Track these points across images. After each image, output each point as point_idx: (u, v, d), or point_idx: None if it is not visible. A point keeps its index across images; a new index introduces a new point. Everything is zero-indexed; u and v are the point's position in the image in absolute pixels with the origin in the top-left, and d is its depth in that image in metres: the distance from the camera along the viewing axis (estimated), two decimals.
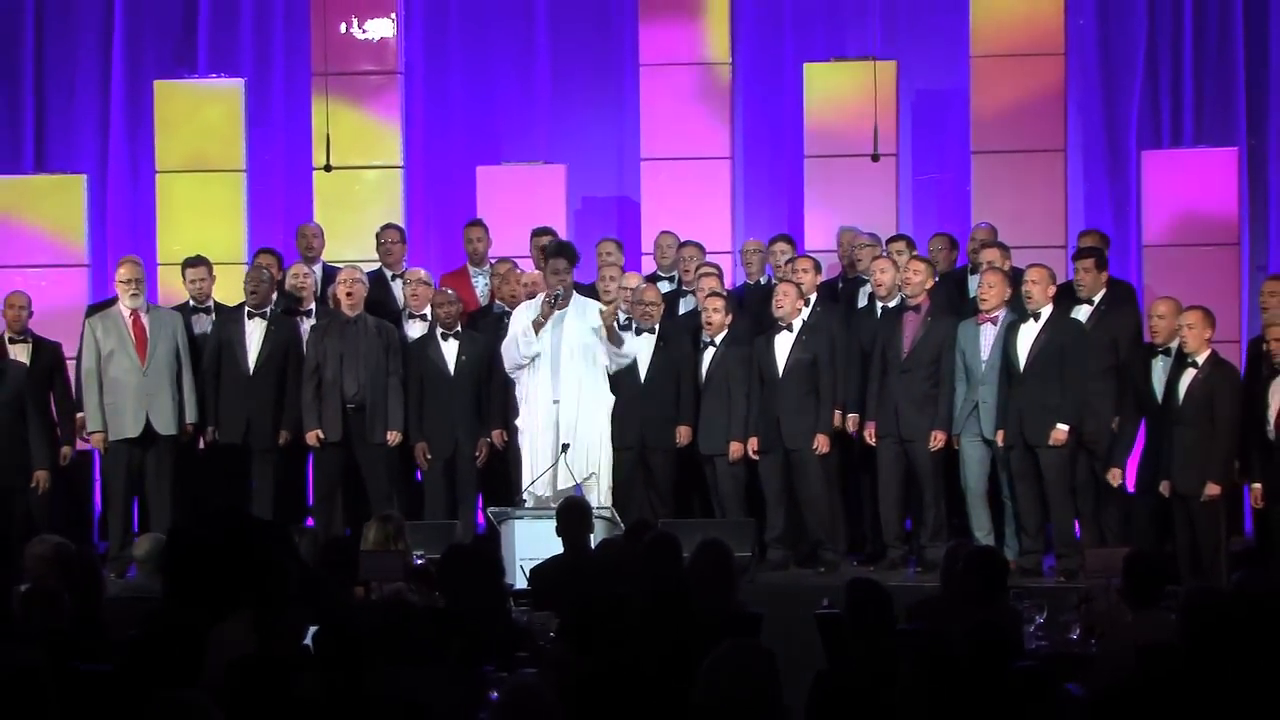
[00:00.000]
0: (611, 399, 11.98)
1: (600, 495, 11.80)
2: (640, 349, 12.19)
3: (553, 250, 12.05)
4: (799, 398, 12.07)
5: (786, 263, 12.83)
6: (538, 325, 11.70)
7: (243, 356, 12.55)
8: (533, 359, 11.77)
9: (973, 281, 12.64)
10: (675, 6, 14.59)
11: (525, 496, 11.70)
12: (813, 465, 12.09)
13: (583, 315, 11.84)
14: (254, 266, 12.89)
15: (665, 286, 13.11)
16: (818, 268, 12.69)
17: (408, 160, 14.98)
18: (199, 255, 13.08)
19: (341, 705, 6.33)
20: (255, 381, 12.53)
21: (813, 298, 12.41)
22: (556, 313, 11.73)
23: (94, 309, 13.00)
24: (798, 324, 12.12)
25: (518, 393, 11.98)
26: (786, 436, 12.08)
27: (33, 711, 5.61)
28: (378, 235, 13.54)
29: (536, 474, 11.70)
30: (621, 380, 12.07)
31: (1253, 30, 14.59)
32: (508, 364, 11.93)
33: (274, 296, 12.83)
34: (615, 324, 11.85)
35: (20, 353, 12.44)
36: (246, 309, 12.62)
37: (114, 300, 12.70)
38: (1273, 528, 11.31)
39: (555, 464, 11.67)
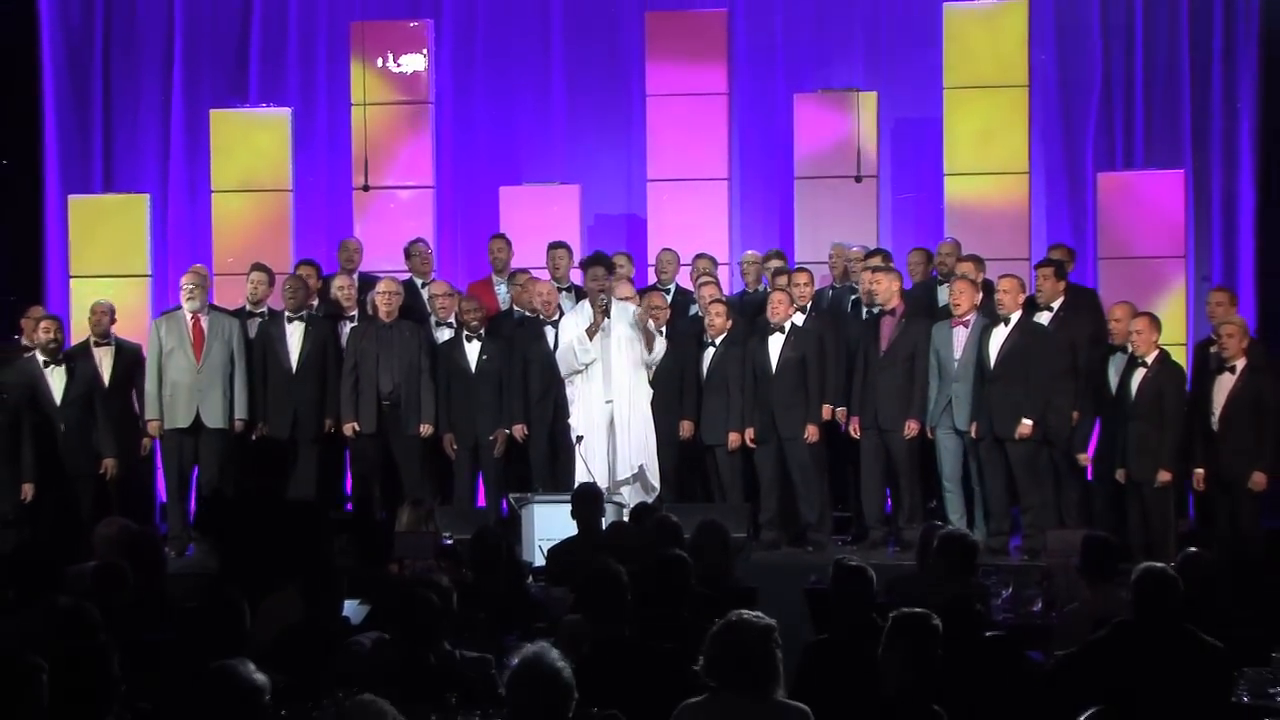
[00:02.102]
0: (650, 394, 12.02)
1: (653, 485, 11.82)
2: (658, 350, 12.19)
3: (591, 260, 12.06)
4: (790, 394, 12.08)
5: (778, 274, 12.82)
6: (591, 333, 11.71)
7: (285, 357, 12.56)
8: (586, 366, 11.78)
9: (941, 290, 12.65)
10: (678, 44, 14.58)
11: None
12: (803, 454, 12.10)
13: (625, 317, 11.86)
14: (293, 276, 12.90)
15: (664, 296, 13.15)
16: (812, 279, 12.71)
17: (438, 181, 14.98)
18: (261, 263, 13.11)
19: (381, 671, 6.33)
20: (297, 379, 12.55)
21: (807, 305, 12.43)
22: (605, 320, 11.74)
23: (165, 314, 13.03)
24: (789, 327, 12.14)
25: (569, 393, 11.97)
26: (780, 428, 12.09)
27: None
28: (406, 249, 13.55)
29: (591, 467, 11.64)
30: None
31: (1197, 64, 14.59)
32: (564, 370, 11.92)
33: (314, 303, 12.86)
34: (648, 326, 11.85)
35: (104, 355, 12.50)
36: (286, 314, 12.65)
37: (180, 305, 12.73)
38: (1215, 511, 11.34)
39: (571, 456, 11.70)
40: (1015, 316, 11.67)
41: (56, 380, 12.01)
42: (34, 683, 5.65)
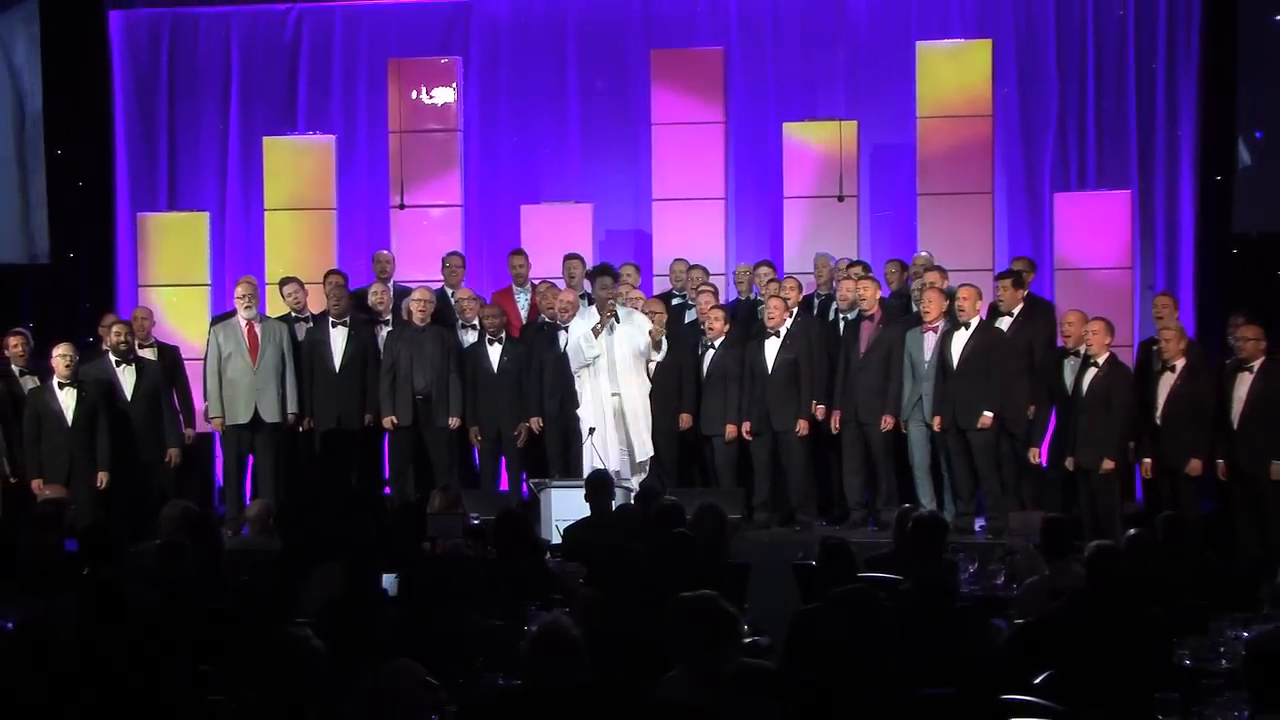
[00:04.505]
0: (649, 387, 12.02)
1: (648, 471, 11.85)
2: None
3: (598, 270, 12.10)
4: (784, 390, 12.07)
5: (770, 282, 12.84)
6: (597, 331, 11.70)
7: (329, 358, 12.57)
8: (594, 360, 11.76)
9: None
10: (680, 78, 14.58)
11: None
12: (794, 445, 12.10)
13: (630, 322, 11.85)
14: (332, 285, 12.91)
15: (676, 301, 13.15)
16: (800, 287, 12.72)
17: (465, 200, 14.98)
18: (292, 276, 13.14)
19: (414, 638, 6.32)
20: (341, 378, 12.55)
21: (795, 310, 12.43)
22: (611, 320, 11.73)
23: (217, 319, 13.07)
24: (783, 331, 12.13)
25: (579, 387, 11.95)
26: (774, 421, 12.09)
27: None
28: (444, 260, 13.59)
29: (598, 453, 11.62)
30: None
31: (1142, 98, 14.60)
32: (574, 364, 11.89)
33: (351, 307, 12.86)
34: (663, 337, 11.85)
35: (146, 355, 12.51)
36: (330, 319, 12.65)
37: (234, 312, 12.74)
38: (1158, 495, 11.35)
39: (583, 444, 11.72)
40: (974, 321, 11.68)
41: (127, 378, 12.05)
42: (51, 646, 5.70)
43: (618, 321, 11.76)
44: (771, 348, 12.14)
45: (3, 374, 11.99)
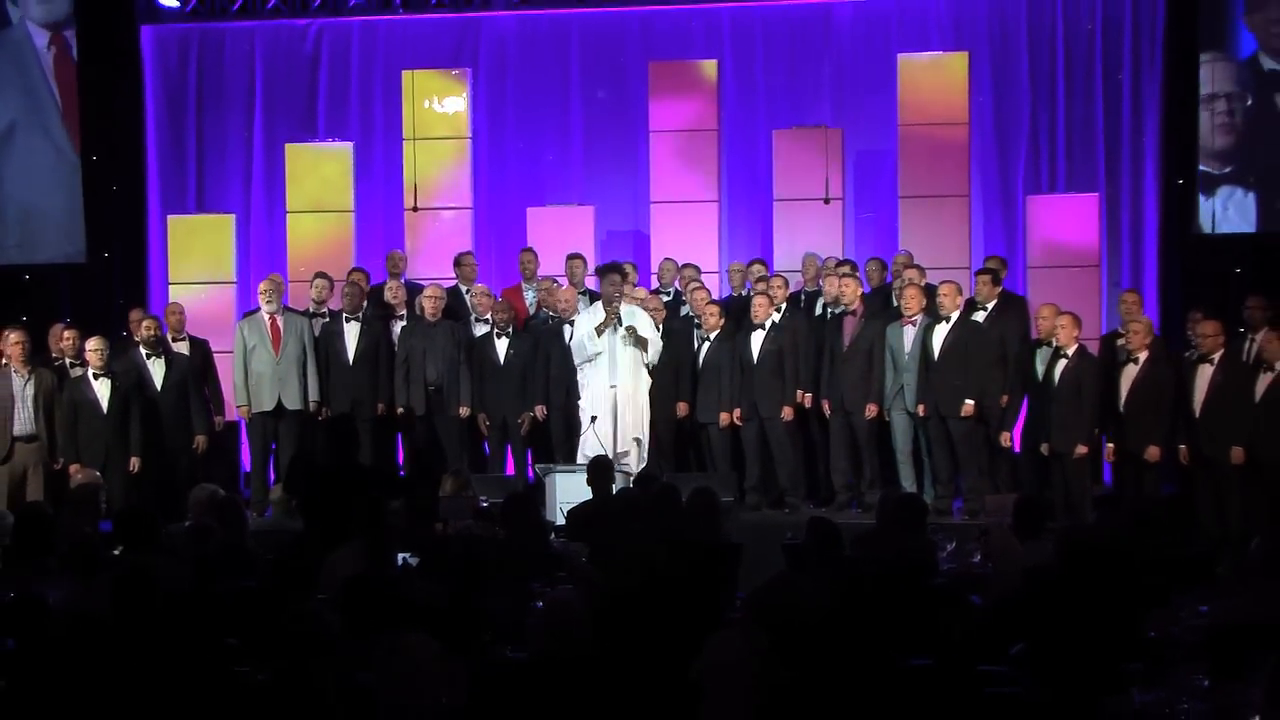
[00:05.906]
0: (649, 382, 12.01)
1: (643, 456, 11.82)
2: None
3: (607, 268, 12.13)
4: (770, 380, 12.07)
5: (759, 280, 12.84)
6: (600, 329, 11.72)
7: (343, 351, 12.57)
8: (595, 356, 11.78)
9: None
10: (676, 88, 14.56)
11: (581, 457, 11.68)
12: (781, 431, 12.09)
13: (632, 319, 11.86)
14: (348, 283, 12.92)
15: (664, 298, 13.15)
16: (786, 284, 12.71)
17: (475, 203, 14.96)
18: (323, 271, 13.19)
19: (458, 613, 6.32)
20: (354, 370, 12.55)
21: (783, 306, 12.42)
22: (614, 321, 11.75)
23: (247, 315, 13.07)
24: (769, 325, 12.13)
25: (580, 379, 11.95)
26: (761, 409, 12.09)
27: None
28: (458, 259, 13.60)
29: (596, 440, 11.63)
30: None
31: (1109, 107, 14.58)
32: (577, 359, 11.92)
33: (364, 303, 12.86)
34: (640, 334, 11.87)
35: (180, 348, 12.54)
36: (344, 314, 12.66)
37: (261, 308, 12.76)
38: (1123, 478, 11.37)
39: (584, 432, 11.72)
40: (954, 315, 11.69)
41: (157, 369, 12.07)
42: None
43: (620, 323, 11.76)
44: (758, 340, 12.14)
45: (52, 366, 12.05)
